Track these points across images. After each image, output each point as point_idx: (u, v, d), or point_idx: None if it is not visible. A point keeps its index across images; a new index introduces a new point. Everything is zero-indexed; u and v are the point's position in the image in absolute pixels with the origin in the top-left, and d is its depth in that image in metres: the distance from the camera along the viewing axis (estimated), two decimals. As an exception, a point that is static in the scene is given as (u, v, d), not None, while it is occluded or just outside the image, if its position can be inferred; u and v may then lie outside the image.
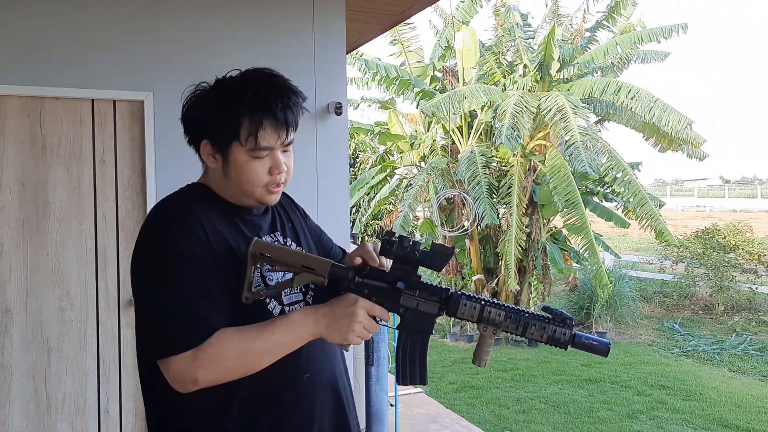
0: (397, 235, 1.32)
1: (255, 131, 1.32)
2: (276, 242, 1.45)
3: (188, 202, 1.38)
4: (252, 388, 1.32)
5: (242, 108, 1.32)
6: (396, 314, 1.36)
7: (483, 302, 1.32)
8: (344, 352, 1.48)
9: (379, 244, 1.37)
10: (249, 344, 1.27)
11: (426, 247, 1.30)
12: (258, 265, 1.32)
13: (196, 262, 1.28)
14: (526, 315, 1.31)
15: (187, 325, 1.24)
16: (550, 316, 1.32)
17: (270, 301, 1.38)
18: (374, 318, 1.31)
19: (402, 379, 1.37)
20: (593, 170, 8.40)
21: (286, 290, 1.40)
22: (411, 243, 1.31)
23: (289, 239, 1.49)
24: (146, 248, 1.34)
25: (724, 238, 11.18)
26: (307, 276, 1.33)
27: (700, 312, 10.78)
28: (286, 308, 1.40)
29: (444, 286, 1.35)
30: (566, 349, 1.33)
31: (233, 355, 1.26)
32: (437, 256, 1.30)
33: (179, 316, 1.25)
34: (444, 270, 9.85)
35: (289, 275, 1.36)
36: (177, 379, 1.25)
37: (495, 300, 1.35)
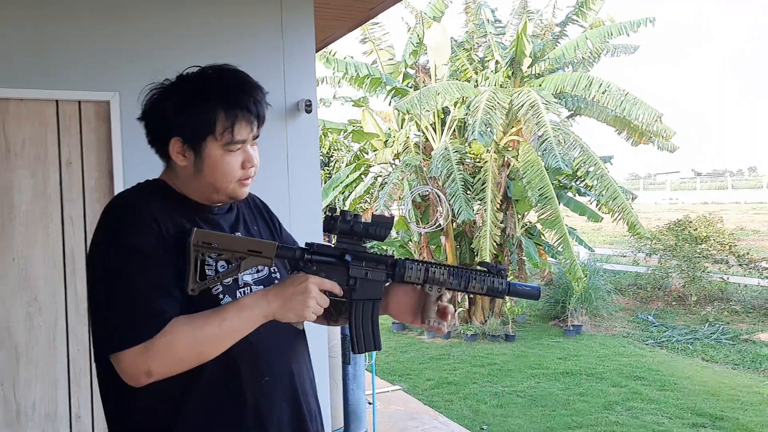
0: (338, 210, 1.36)
1: (231, 125, 1.33)
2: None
3: (143, 196, 1.37)
4: (207, 392, 1.32)
5: (217, 102, 1.32)
6: (346, 286, 1.40)
7: (427, 264, 1.40)
8: (308, 353, 1.51)
9: None
10: (200, 331, 1.26)
11: (366, 218, 1.36)
12: (202, 254, 1.30)
13: (150, 255, 1.27)
14: (467, 271, 1.41)
15: (142, 318, 1.23)
16: (486, 270, 1.42)
17: (224, 297, 1.36)
18: (325, 292, 1.35)
19: (357, 347, 1.42)
20: (566, 165, 8.46)
21: (242, 287, 1.39)
22: (353, 216, 1.36)
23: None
24: (100, 243, 1.32)
25: (696, 229, 11.35)
26: (253, 260, 1.34)
27: (674, 303, 10.93)
28: None
29: (388, 254, 1.41)
30: (503, 297, 1.43)
31: (185, 343, 1.24)
32: (379, 226, 1.36)
33: (134, 309, 1.24)
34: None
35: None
36: (129, 372, 1.24)
37: (437, 261, 1.42)
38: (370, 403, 4.90)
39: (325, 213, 1.37)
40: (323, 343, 4.06)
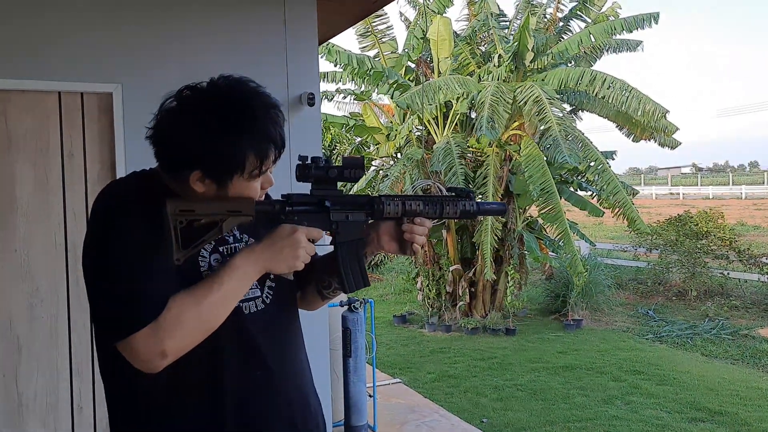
0: (309, 157, 1.36)
1: (260, 162, 1.30)
2: (232, 236, 1.43)
3: (135, 184, 1.37)
4: (190, 385, 1.32)
5: (247, 141, 1.27)
6: (329, 231, 1.42)
7: (402, 198, 1.45)
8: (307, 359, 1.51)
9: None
10: (203, 300, 1.25)
11: (338, 163, 1.38)
12: (181, 222, 1.27)
13: (145, 237, 1.26)
14: (439, 198, 1.48)
15: (145, 300, 1.22)
16: (456, 195, 1.49)
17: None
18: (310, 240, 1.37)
19: (348, 287, 1.45)
20: (573, 160, 8.40)
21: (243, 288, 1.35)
22: (324, 161, 1.37)
23: (245, 235, 1.46)
24: (94, 232, 1.31)
25: (697, 225, 11.35)
26: (234, 219, 1.32)
27: (674, 298, 10.94)
28: (242, 304, 1.37)
29: (365, 194, 1.42)
30: (475, 218, 1.48)
31: (191, 314, 1.24)
32: (352, 168, 1.38)
33: (135, 292, 1.22)
34: (421, 260, 9.89)
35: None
36: (143, 357, 1.22)
37: (410, 194, 1.47)
38: (370, 396, 4.91)
39: (297, 163, 1.36)
40: (324, 335, 4.07)
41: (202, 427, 1.32)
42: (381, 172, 10.91)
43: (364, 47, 10.76)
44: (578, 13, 10.49)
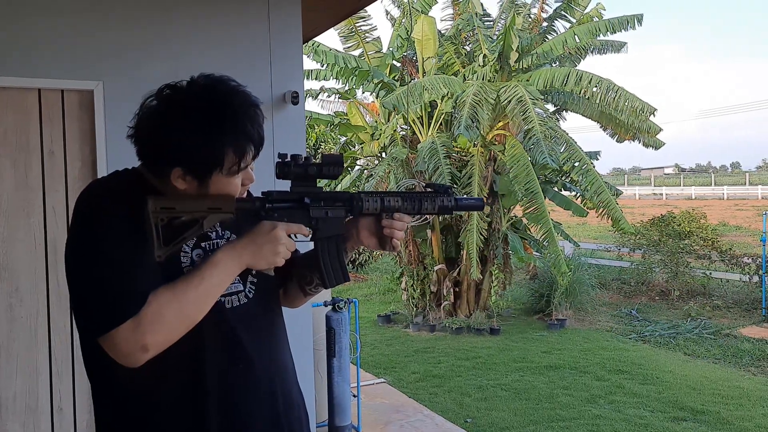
0: (289, 155, 1.38)
1: (239, 159, 1.32)
2: (215, 232, 1.44)
3: (118, 183, 1.38)
4: (171, 379, 1.33)
5: (226, 138, 1.30)
6: (309, 227, 1.44)
7: (381, 194, 1.48)
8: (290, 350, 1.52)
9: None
10: (183, 294, 1.27)
11: (317, 160, 1.40)
12: (162, 220, 1.29)
13: (126, 235, 1.27)
14: (418, 194, 1.50)
15: (127, 295, 1.23)
16: (435, 191, 1.52)
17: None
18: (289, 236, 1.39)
19: (329, 282, 1.48)
20: (553, 161, 8.45)
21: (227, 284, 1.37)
22: (304, 159, 1.38)
23: (227, 231, 1.47)
24: (77, 229, 1.32)
25: (679, 225, 11.44)
26: (215, 216, 1.34)
27: (657, 298, 11.02)
28: (224, 299, 1.39)
29: (344, 191, 1.44)
30: (452, 213, 1.54)
31: (173, 309, 1.25)
32: (331, 165, 1.39)
33: (117, 288, 1.23)
34: (406, 260, 9.89)
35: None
36: (124, 351, 1.23)
37: (388, 190, 1.48)
38: (354, 396, 4.90)
39: (277, 161, 1.37)
40: (308, 335, 4.05)
41: (184, 420, 1.34)
42: (366, 171, 10.89)
43: (348, 47, 10.73)
44: (563, 13, 10.52)
